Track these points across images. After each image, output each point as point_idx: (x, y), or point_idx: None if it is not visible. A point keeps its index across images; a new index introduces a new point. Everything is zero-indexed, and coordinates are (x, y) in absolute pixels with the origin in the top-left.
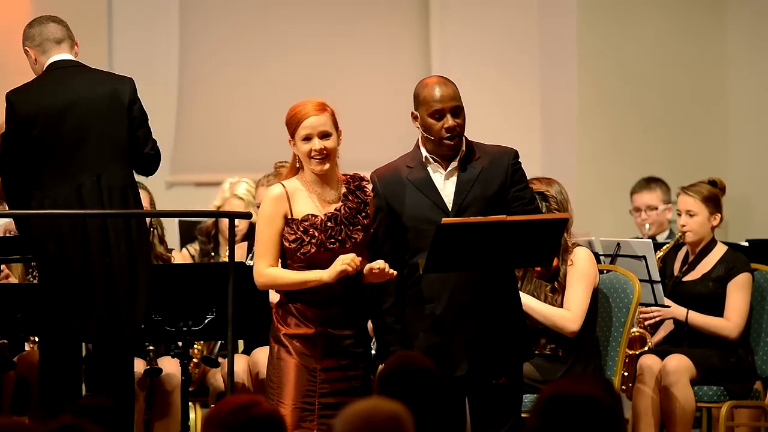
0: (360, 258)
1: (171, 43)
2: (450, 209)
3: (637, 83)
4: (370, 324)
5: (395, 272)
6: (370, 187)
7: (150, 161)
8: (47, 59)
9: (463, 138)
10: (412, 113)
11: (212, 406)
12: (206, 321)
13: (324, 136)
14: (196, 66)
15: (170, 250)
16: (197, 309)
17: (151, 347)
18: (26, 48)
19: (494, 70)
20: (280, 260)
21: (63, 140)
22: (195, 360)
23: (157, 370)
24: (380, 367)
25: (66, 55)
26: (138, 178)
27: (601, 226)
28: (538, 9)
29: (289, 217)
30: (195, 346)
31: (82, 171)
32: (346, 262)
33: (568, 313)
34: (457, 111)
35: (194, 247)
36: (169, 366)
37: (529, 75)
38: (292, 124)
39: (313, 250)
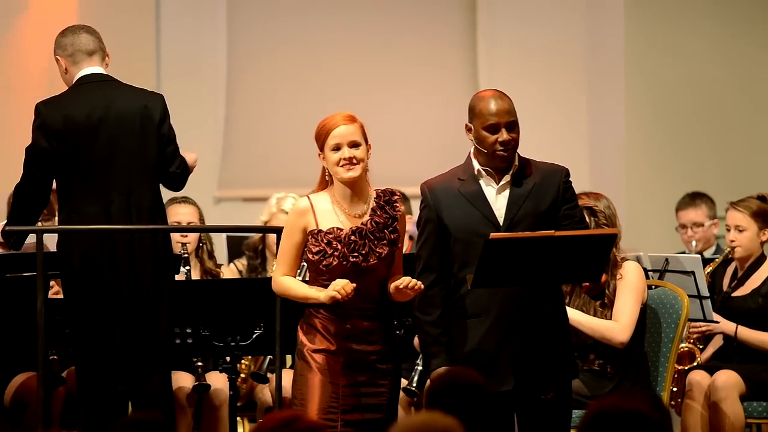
0: (353, 286)
1: (219, 59)
2: (501, 224)
3: (686, 98)
4: (416, 339)
5: (422, 285)
6: (400, 202)
7: (177, 180)
8: (78, 70)
9: (516, 153)
10: (466, 125)
11: (260, 421)
12: (254, 336)
13: (353, 145)
14: (243, 82)
15: (219, 266)
16: (245, 324)
17: (199, 362)
18: (57, 57)
19: (541, 84)
20: (302, 273)
21: (93, 156)
22: (243, 375)
23: (206, 386)
24: (427, 381)
25: (97, 68)
26: (187, 192)
27: (649, 242)
28: (586, 23)
29: (314, 229)
30: (243, 361)
31: (111, 189)
32: (336, 288)
33: (617, 324)
34: (512, 125)
35: (242, 263)
36: (217, 381)
37: (577, 89)
38: (322, 135)
39: (334, 263)
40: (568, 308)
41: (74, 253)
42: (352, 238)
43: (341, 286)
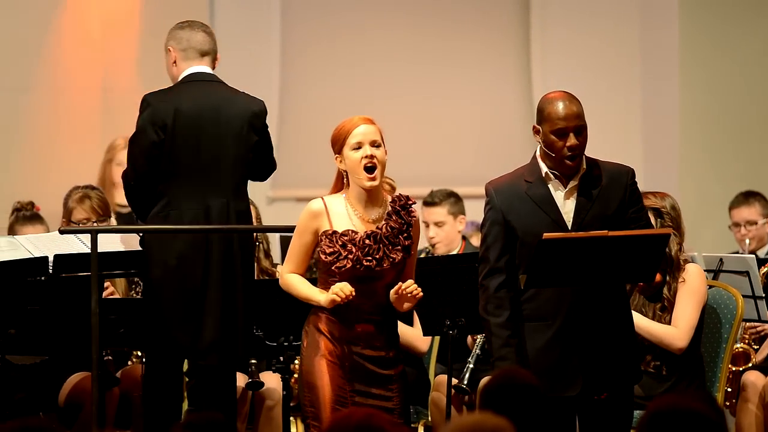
0: (352, 289)
1: (272, 59)
2: (570, 228)
3: (740, 97)
4: (469, 339)
5: (421, 293)
6: (416, 208)
7: (260, 180)
8: (187, 67)
9: (583, 156)
10: (534, 127)
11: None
12: None
13: (375, 144)
14: (296, 82)
15: (275, 265)
16: (298, 324)
17: (253, 361)
18: (169, 48)
19: (595, 86)
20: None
21: (198, 157)
22: (296, 375)
23: (259, 383)
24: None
25: (205, 68)
26: None
27: (703, 242)
28: (640, 23)
29: (329, 230)
30: (296, 361)
31: (212, 193)
32: (335, 290)
33: (676, 331)
34: (580, 129)
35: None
36: (271, 381)
37: (631, 90)
38: (341, 136)
39: (348, 265)
40: None
41: (165, 253)
42: (367, 241)
43: (339, 289)
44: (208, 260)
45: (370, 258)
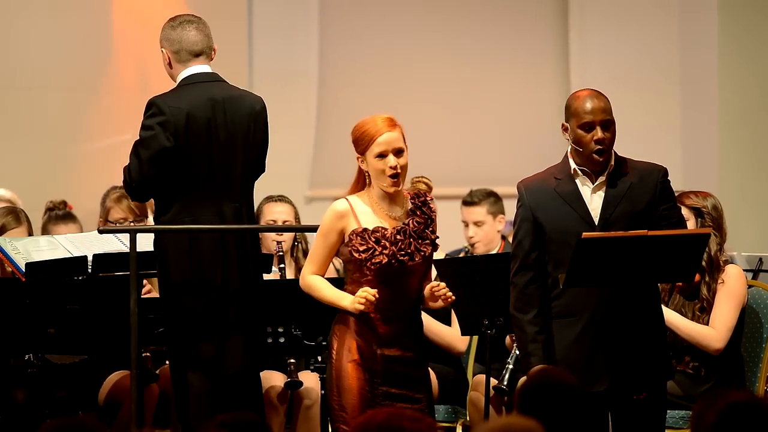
0: (375, 293)
1: (310, 59)
2: (596, 223)
3: None
4: (507, 339)
5: (453, 297)
6: (433, 203)
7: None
8: (183, 68)
9: (613, 152)
10: (563, 125)
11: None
12: None
13: (398, 152)
14: (335, 82)
15: None
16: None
17: (291, 360)
18: (162, 48)
19: (634, 86)
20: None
21: (210, 163)
22: None
23: (298, 382)
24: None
25: (203, 67)
26: (278, 192)
27: (742, 241)
28: (679, 23)
29: (358, 228)
30: None
31: (224, 198)
32: (359, 299)
33: (713, 332)
34: (607, 124)
35: (338, 261)
36: (309, 380)
37: (670, 89)
38: (364, 140)
39: (384, 261)
40: (666, 309)
41: (177, 253)
42: (398, 237)
43: (364, 297)
44: (226, 266)
45: (403, 253)
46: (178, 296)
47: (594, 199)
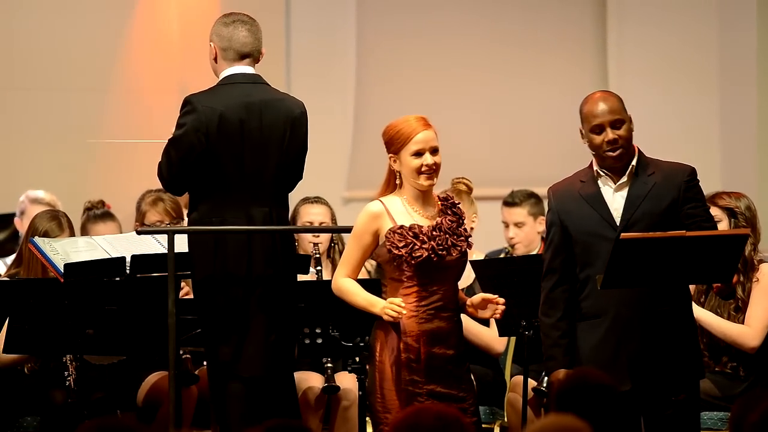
0: (402, 303)
1: (348, 61)
2: (618, 224)
3: None
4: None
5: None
6: (460, 204)
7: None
8: (228, 66)
9: (634, 152)
10: (580, 130)
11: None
12: None
13: (434, 151)
14: (372, 82)
15: None
16: (374, 324)
17: (329, 363)
18: (211, 42)
19: (672, 86)
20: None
21: (241, 165)
22: None
23: (335, 387)
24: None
25: (246, 68)
26: (316, 193)
27: None
28: (718, 23)
29: (394, 226)
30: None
31: (254, 201)
32: (388, 310)
33: (748, 330)
34: (617, 124)
35: (370, 263)
36: (347, 381)
37: (708, 89)
38: (400, 139)
39: (424, 255)
40: (700, 309)
41: (202, 253)
42: (434, 233)
43: (393, 309)
44: (250, 269)
45: (441, 247)
46: (201, 296)
47: (616, 200)
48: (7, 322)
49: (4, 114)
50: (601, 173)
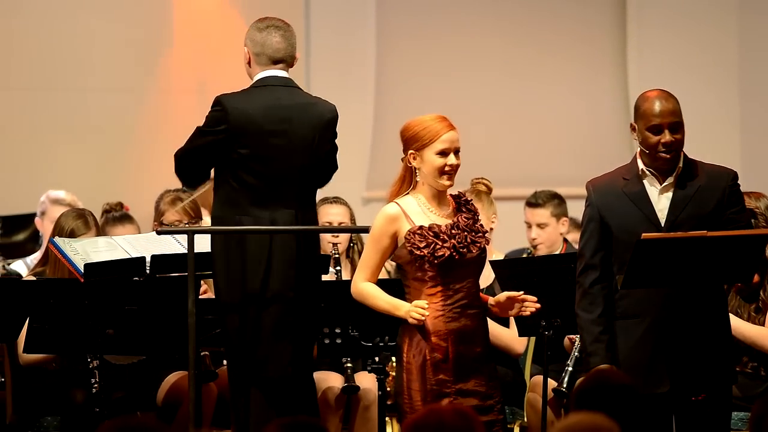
0: (426, 309)
1: (367, 62)
2: (663, 225)
3: None
4: (566, 341)
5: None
6: (472, 202)
7: (322, 185)
8: (260, 71)
9: (681, 154)
10: (631, 125)
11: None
12: None
13: (457, 152)
14: (392, 82)
15: None
16: (394, 324)
17: (349, 363)
18: (245, 47)
19: (692, 86)
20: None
21: (267, 167)
22: (392, 375)
23: (355, 387)
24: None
25: (279, 72)
26: (335, 193)
27: None
28: (738, 21)
29: (414, 227)
30: (392, 360)
31: (279, 203)
32: (414, 310)
33: None
34: (676, 126)
35: (390, 263)
36: (366, 381)
37: (728, 89)
38: (426, 136)
39: (446, 254)
40: None
41: (223, 252)
42: (453, 231)
43: (419, 314)
44: (269, 269)
45: (461, 245)
46: (222, 295)
47: (661, 201)
48: (27, 321)
49: (26, 114)
50: (647, 172)
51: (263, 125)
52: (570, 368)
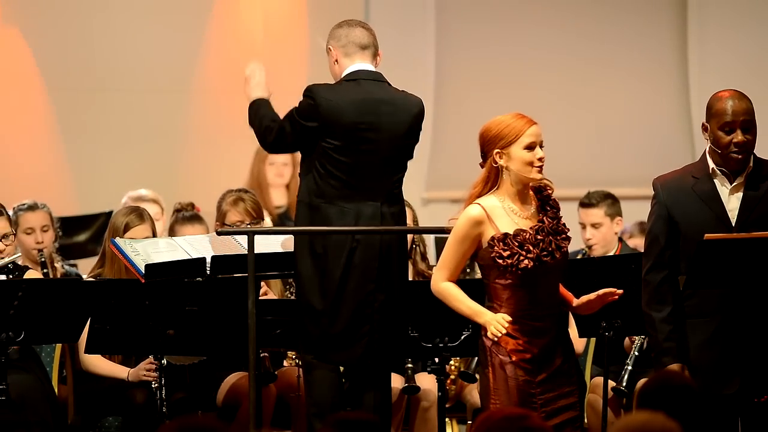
0: (506, 327)
1: (427, 61)
2: (734, 225)
3: None
4: (627, 341)
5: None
6: (552, 194)
7: None
8: (350, 63)
9: (753, 154)
10: (703, 124)
11: (469, 422)
12: (462, 337)
13: (542, 145)
14: (451, 83)
15: (431, 267)
16: (454, 325)
17: (409, 364)
18: (329, 47)
19: (755, 85)
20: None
21: (353, 157)
22: (452, 376)
23: (415, 388)
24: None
25: (368, 65)
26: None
27: None
28: None
29: (498, 235)
30: (451, 362)
31: (364, 195)
32: (495, 324)
33: None
34: (748, 126)
35: None
36: (426, 382)
37: None
38: (511, 133)
39: (530, 266)
40: None
41: (303, 244)
42: (538, 237)
43: (500, 323)
44: (349, 262)
45: (546, 253)
46: (300, 286)
47: (731, 200)
48: (89, 322)
49: (87, 116)
50: (718, 172)
51: (353, 118)
52: (629, 367)
